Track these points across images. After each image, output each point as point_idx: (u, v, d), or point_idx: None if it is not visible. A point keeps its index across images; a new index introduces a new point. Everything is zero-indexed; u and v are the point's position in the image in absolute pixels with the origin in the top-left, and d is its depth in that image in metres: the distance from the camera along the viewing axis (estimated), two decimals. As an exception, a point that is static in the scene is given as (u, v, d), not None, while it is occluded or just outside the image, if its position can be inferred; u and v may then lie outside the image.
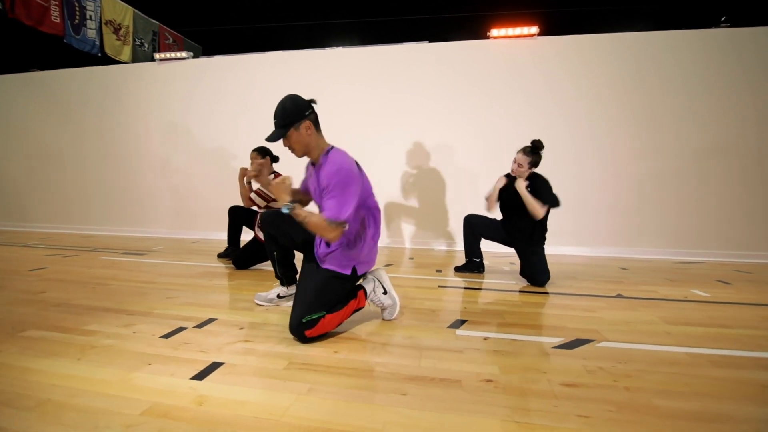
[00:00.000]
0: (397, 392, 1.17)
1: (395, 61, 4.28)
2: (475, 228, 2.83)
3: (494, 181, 2.70)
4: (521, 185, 2.49)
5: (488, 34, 4.11)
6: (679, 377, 1.30)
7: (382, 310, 1.83)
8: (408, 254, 3.82)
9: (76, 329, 1.66)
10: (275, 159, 3.05)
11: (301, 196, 1.83)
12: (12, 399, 1.11)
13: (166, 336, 1.59)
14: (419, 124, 4.24)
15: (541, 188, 2.51)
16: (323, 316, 1.54)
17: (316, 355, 1.43)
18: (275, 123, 1.58)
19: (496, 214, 2.81)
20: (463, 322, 1.82)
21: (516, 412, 1.06)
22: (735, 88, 3.69)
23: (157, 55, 5.05)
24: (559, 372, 1.32)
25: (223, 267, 3.05)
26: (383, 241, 4.37)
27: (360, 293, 1.72)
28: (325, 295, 1.58)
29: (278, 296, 2.03)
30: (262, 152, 2.99)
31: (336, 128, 4.43)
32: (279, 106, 1.57)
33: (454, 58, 4.16)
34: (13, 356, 1.39)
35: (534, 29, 3.98)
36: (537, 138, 2.60)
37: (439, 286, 2.53)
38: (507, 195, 2.63)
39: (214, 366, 1.33)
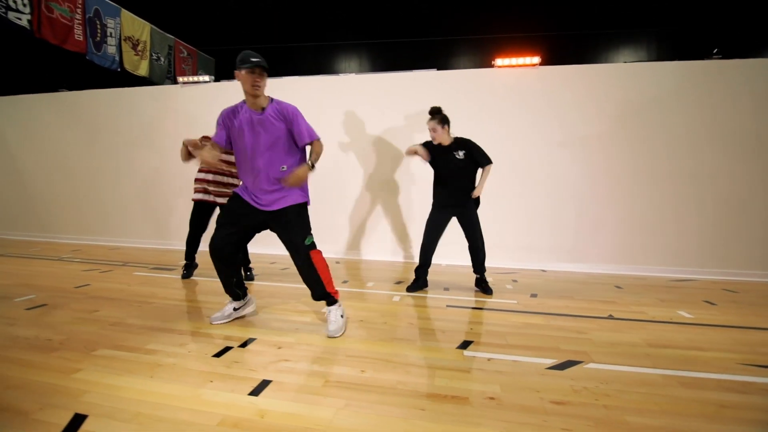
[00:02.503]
0: (417, 407, 1.44)
1: (405, 87, 4.57)
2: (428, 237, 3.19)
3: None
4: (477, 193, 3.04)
5: (493, 63, 4.39)
6: (650, 397, 1.56)
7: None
8: (417, 270, 4.09)
9: (140, 348, 1.95)
10: None
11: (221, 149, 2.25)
12: (111, 412, 1.40)
13: (218, 355, 1.88)
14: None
15: (477, 153, 3.03)
16: (313, 239, 2.21)
17: (347, 374, 1.71)
18: (263, 62, 2.08)
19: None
20: (469, 343, 2.09)
21: (512, 426, 1.33)
22: (728, 116, 3.93)
23: (180, 79, 5.37)
24: (550, 391, 1.58)
25: (251, 284, 3.34)
26: (396, 256, 4.64)
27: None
28: (305, 223, 2.23)
29: (234, 309, 2.41)
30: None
31: (349, 149, 4.75)
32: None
33: (460, 85, 4.44)
34: (96, 374, 1.68)
35: (536, 59, 4.25)
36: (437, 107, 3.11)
37: (447, 306, 2.80)
38: (443, 163, 3.07)
39: (264, 383, 1.61)
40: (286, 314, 2.54)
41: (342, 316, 2.25)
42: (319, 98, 4.77)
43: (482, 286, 3.17)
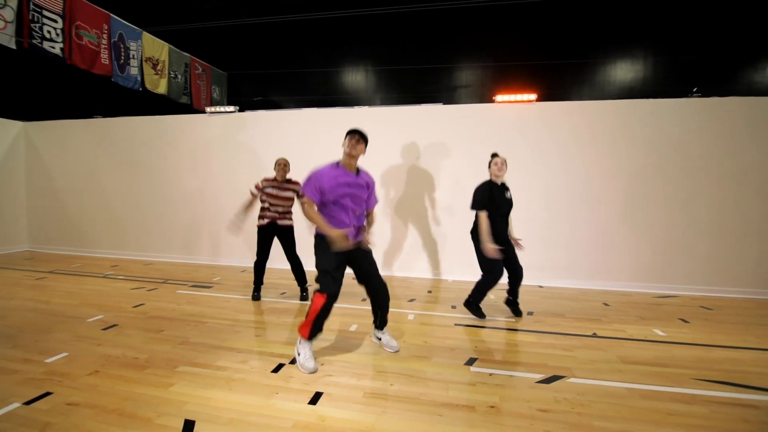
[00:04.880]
0: (436, 414, 1.93)
1: (414, 119, 5.06)
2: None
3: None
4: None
5: (493, 98, 4.85)
6: (615, 406, 2.03)
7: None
8: (426, 286, 4.57)
9: (211, 365, 2.44)
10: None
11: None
12: (210, 418, 1.89)
13: (275, 371, 2.37)
14: (437, 174, 5.00)
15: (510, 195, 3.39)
16: None
17: (380, 387, 2.19)
18: (361, 131, 2.57)
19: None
20: (474, 359, 2.57)
21: (507, 428, 1.81)
22: (709, 148, 4.37)
23: (207, 108, 5.88)
24: (537, 401, 2.06)
25: (281, 303, 3.83)
26: (409, 272, 5.13)
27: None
28: None
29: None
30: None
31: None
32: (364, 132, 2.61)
33: (464, 118, 4.92)
34: (187, 387, 2.17)
35: (533, 96, 4.71)
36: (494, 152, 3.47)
37: (455, 324, 3.28)
38: (501, 201, 3.27)
39: (318, 395, 2.09)
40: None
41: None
42: (335, 129, 5.26)
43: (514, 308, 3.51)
